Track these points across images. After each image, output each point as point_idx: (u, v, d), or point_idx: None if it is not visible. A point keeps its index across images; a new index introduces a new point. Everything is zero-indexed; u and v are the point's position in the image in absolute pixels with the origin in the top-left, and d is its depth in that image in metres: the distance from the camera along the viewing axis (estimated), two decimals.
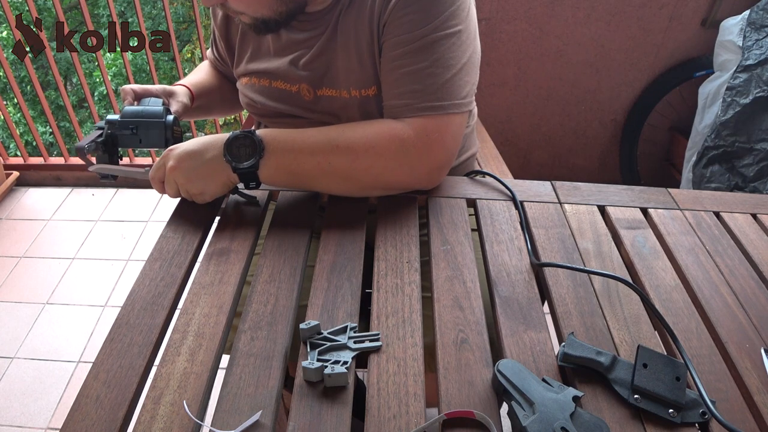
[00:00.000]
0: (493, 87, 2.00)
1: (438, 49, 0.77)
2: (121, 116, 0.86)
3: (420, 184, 0.83)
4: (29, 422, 1.47)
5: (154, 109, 0.87)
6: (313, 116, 0.89)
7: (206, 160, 0.77)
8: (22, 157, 2.37)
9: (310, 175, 0.79)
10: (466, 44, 0.80)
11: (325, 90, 0.86)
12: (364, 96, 0.84)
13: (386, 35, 0.79)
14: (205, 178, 0.78)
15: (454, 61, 0.78)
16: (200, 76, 1.07)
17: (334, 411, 0.55)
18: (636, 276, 0.73)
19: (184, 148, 0.78)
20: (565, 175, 2.23)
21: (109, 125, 0.86)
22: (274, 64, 0.89)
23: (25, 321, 1.76)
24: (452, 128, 0.80)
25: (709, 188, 1.73)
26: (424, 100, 0.78)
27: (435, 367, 0.60)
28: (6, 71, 2.12)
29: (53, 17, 6.25)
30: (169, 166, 0.78)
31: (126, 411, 0.54)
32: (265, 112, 0.94)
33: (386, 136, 0.77)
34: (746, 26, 1.65)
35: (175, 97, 0.96)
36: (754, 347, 0.63)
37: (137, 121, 0.86)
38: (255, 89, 0.93)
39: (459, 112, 0.80)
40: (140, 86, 0.93)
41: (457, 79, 0.79)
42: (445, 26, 0.77)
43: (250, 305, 0.66)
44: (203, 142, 0.78)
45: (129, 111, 0.87)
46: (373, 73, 0.83)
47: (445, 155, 0.81)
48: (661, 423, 0.55)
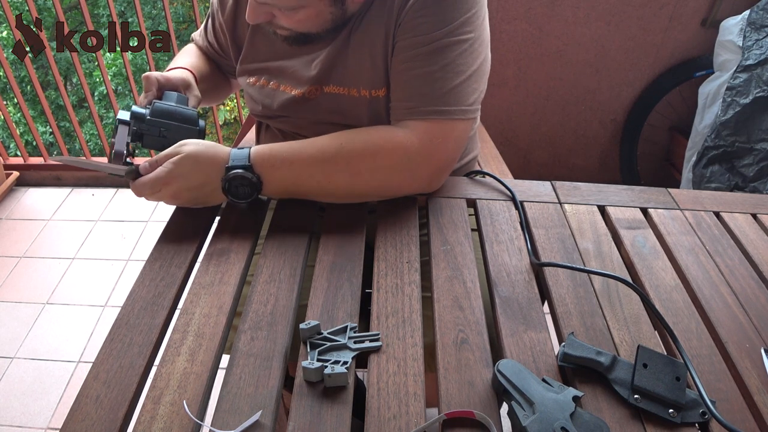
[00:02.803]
0: (493, 87, 2.00)
1: (449, 54, 0.77)
2: (151, 114, 0.80)
3: (421, 189, 0.83)
4: (29, 422, 1.47)
5: (188, 114, 0.81)
6: (317, 117, 0.89)
7: (206, 192, 0.77)
8: (22, 157, 2.37)
9: (311, 193, 0.80)
10: (478, 52, 0.80)
11: (333, 87, 0.86)
12: (374, 96, 0.84)
13: (400, 36, 0.79)
14: (204, 203, 0.80)
15: (464, 67, 0.78)
16: (195, 61, 1.01)
17: (334, 411, 0.55)
18: (636, 276, 0.73)
19: (183, 185, 0.75)
20: (565, 175, 2.23)
21: (136, 120, 0.79)
22: (287, 63, 0.88)
23: (25, 321, 1.76)
24: (456, 134, 0.80)
25: (709, 188, 1.73)
26: (431, 103, 0.78)
27: (435, 367, 0.60)
28: (6, 71, 2.12)
29: (53, 17, 6.24)
30: (167, 199, 0.77)
31: (126, 411, 0.54)
32: (269, 114, 0.94)
33: (389, 147, 0.77)
34: (746, 26, 1.65)
35: (192, 90, 0.91)
36: (754, 347, 0.63)
37: (169, 124, 0.80)
38: (262, 92, 0.92)
39: (464, 118, 0.80)
40: (162, 75, 0.87)
41: (466, 85, 0.79)
42: (459, 32, 0.77)
43: (250, 305, 0.66)
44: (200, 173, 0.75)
45: (160, 109, 0.80)
46: (385, 74, 0.83)
47: (446, 161, 0.82)
48: (661, 423, 0.55)
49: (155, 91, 0.86)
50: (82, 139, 2.35)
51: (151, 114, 0.80)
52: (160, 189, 0.75)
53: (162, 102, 0.82)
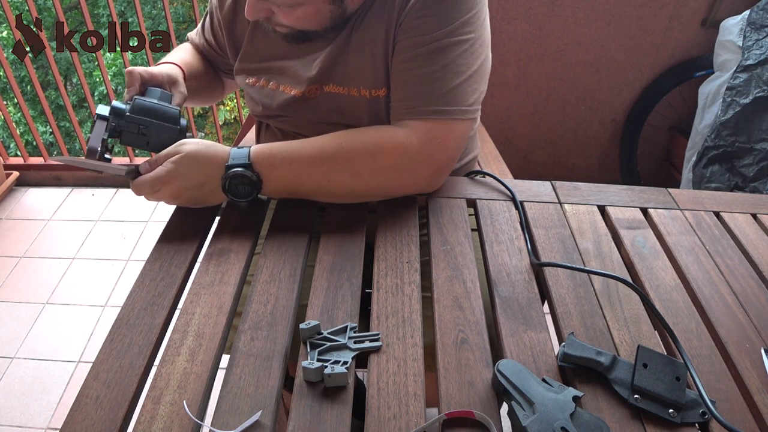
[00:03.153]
0: (493, 87, 2.00)
1: (450, 54, 0.77)
2: (131, 110, 0.78)
3: (421, 189, 0.83)
4: (29, 422, 1.47)
5: (170, 111, 0.79)
6: (317, 116, 0.89)
7: (206, 192, 0.77)
8: (22, 157, 2.37)
9: (311, 192, 0.80)
10: (479, 52, 0.80)
11: (333, 87, 0.86)
12: (374, 96, 0.84)
13: (400, 36, 0.79)
14: (204, 203, 0.80)
15: (464, 67, 0.78)
16: (186, 57, 0.99)
17: (334, 411, 0.55)
18: (636, 276, 0.73)
19: (183, 185, 0.75)
20: (565, 175, 2.23)
21: (115, 116, 0.78)
22: (287, 63, 0.88)
23: (25, 321, 1.76)
24: (456, 134, 0.80)
25: (709, 188, 1.73)
26: (430, 103, 0.78)
27: (435, 367, 0.60)
28: (6, 71, 2.12)
29: (53, 17, 6.24)
30: (167, 199, 0.77)
31: (126, 411, 0.54)
32: (268, 114, 0.94)
33: (389, 147, 0.77)
34: (746, 26, 1.65)
35: (177, 87, 0.89)
36: (754, 347, 0.63)
37: (149, 122, 0.78)
38: (262, 92, 0.92)
39: (464, 118, 0.80)
40: (146, 70, 0.85)
41: (466, 86, 0.79)
42: (459, 32, 0.77)
43: (250, 305, 0.66)
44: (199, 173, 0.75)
45: (140, 106, 0.78)
46: (385, 74, 0.83)
47: (446, 161, 0.82)
48: (661, 423, 0.55)
49: (138, 86, 0.84)
50: (82, 139, 2.35)
51: (131, 111, 0.78)
52: (159, 188, 0.75)
53: (143, 98, 0.80)
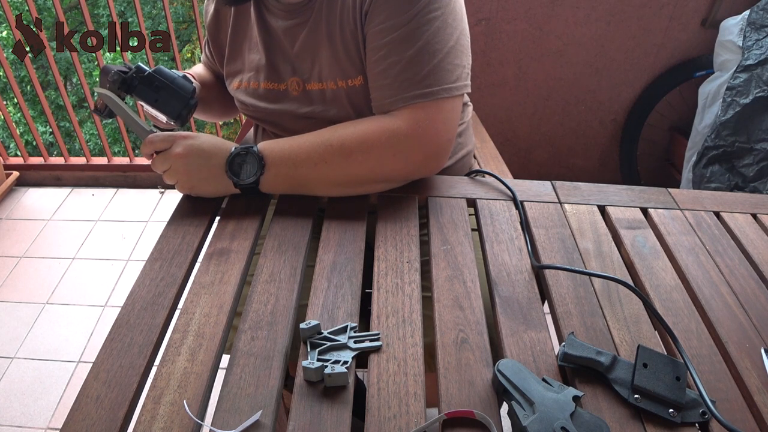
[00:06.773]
0: (493, 87, 2.00)
1: (422, 35, 0.76)
2: (155, 71, 0.83)
3: (418, 172, 0.83)
4: (29, 422, 1.47)
5: (187, 85, 0.85)
6: (305, 111, 0.90)
7: (211, 165, 0.79)
8: (22, 157, 2.37)
9: (309, 179, 0.80)
10: (452, 27, 0.79)
11: (314, 84, 0.87)
12: (351, 86, 0.84)
13: (369, 24, 0.79)
14: (204, 179, 0.80)
15: (439, 45, 0.77)
16: (199, 70, 1.07)
17: (334, 411, 0.55)
18: (636, 276, 0.73)
19: (197, 144, 0.79)
20: (565, 175, 2.23)
21: (137, 70, 0.83)
22: (264, 58, 0.90)
23: (25, 321, 1.76)
24: (443, 114, 0.80)
25: (709, 188, 1.73)
26: (411, 89, 0.77)
27: (435, 367, 0.60)
28: (6, 71, 2.12)
29: (53, 17, 6.24)
30: (176, 152, 0.78)
31: (126, 411, 0.54)
32: (258, 114, 0.95)
33: (376, 129, 0.78)
34: (746, 26, 1.65)
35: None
36: (754, 347, 0.63)
37: (166, 84, 0.83)
38: (247, 92, 0.94)
39: (449, 96, 0.79)
40: None
41: (445, 63, 0.78)
42: (427, 11, 0.76)
43: (250, 305, 0.66)
44: (214, 144, 0.80)
45: (164, 71, 0.84)
46: (359, 63, 0.83)
47: (438, 141, 0.81)
48: (661, 423, 0.55)
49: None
50: (82, 139, 2.35)
51: (155, 71, 0.84)
52: (171, 144, 0.79)
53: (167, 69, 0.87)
